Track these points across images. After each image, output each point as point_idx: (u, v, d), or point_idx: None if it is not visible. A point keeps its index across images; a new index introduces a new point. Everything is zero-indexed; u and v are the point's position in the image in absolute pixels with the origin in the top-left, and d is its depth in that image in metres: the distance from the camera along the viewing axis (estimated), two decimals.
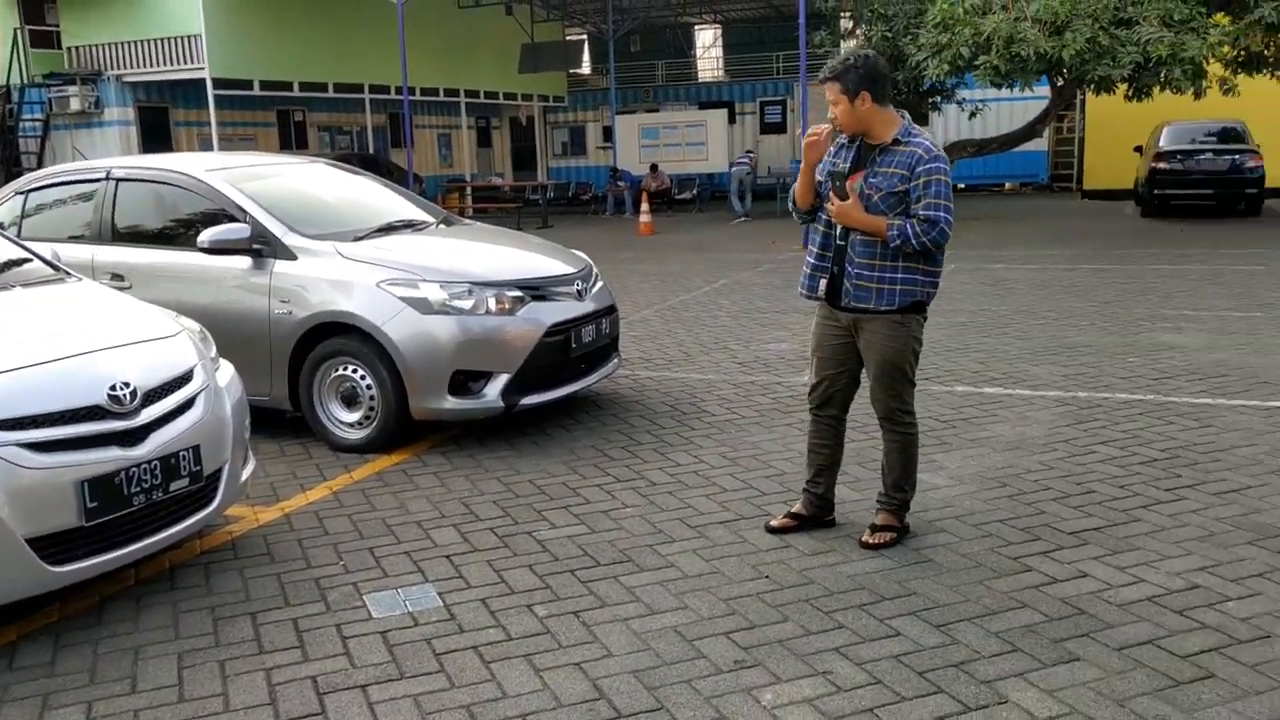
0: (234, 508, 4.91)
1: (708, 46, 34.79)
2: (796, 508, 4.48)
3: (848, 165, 4.09)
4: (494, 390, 5.71)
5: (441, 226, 6.87)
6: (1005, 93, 17.42)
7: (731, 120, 28.08)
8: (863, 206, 4.00)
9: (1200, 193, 18.36)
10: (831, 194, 4.08)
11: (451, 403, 5.65)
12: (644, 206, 20.23)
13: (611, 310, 6.55)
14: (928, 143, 4.02)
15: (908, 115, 4.15)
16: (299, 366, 5.87)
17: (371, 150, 24.88)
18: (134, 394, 3.76)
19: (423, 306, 5.62)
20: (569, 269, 6.28)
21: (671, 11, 30.80)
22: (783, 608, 3.72)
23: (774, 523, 4.46)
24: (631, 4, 29.02)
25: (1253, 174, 17.90)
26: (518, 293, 5.84)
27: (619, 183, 25.12)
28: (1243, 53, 15.73)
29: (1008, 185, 27.25)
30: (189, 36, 19.63)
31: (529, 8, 27.72)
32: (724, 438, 5.86)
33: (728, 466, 5.33)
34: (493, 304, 5.74)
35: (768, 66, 30.63)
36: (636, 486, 5.07)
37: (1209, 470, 5.04)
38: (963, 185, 26.56)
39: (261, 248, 5.89)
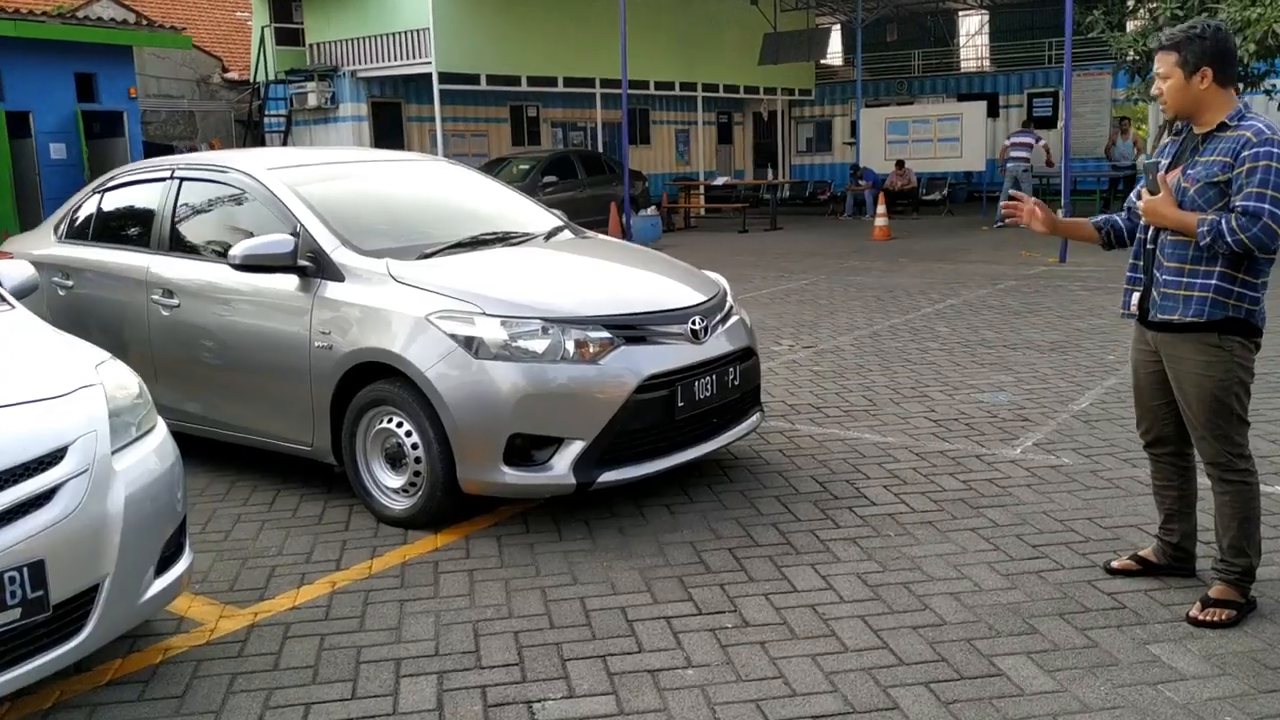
0: (200, 606, 3.81)
1: (971, 34, 31.93)
2: (1145, 552, 3.88)
3: (1168, 158, 3.54)
4: (563, 462, 4.33)
5: (553, 239, 5.56)
6: None
7: (994, 114, 25.43)
8: (1175, 201, 3.38)
9: None
10: (1144, 190, 3.49)
11: (509, 475, 4.32)
12: (880, 209, 18.26)
13: (746, 355, 5.01)
14: (1261, 124, 3.33)
15: (1245, 101, 3.50)
16: (343, 413, 4.73)
17: (600, 146, 24.06)
18: None
19: (477, 348, 4.31)
20: (683, 301, 4.79)
21: None
22: None
23: (1115, 563, 3.89)
24: None
25: None
26: (604, 333, 4.42)
27: (860, 181, 23.13)
28: None
29: None
30: (418, 31, 19.37)
31: None
32: (874, 546, 4.22)
33: (863, 602, 3.71)
34: (571, 347, 4.36)
35: (1039, 54, 27.58)
36: (719, 627, 3.55)
37: None
38: None
39: (307, 265, 4.78)
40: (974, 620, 3.53)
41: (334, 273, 4.73)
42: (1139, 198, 3.54)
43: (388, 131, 21.48)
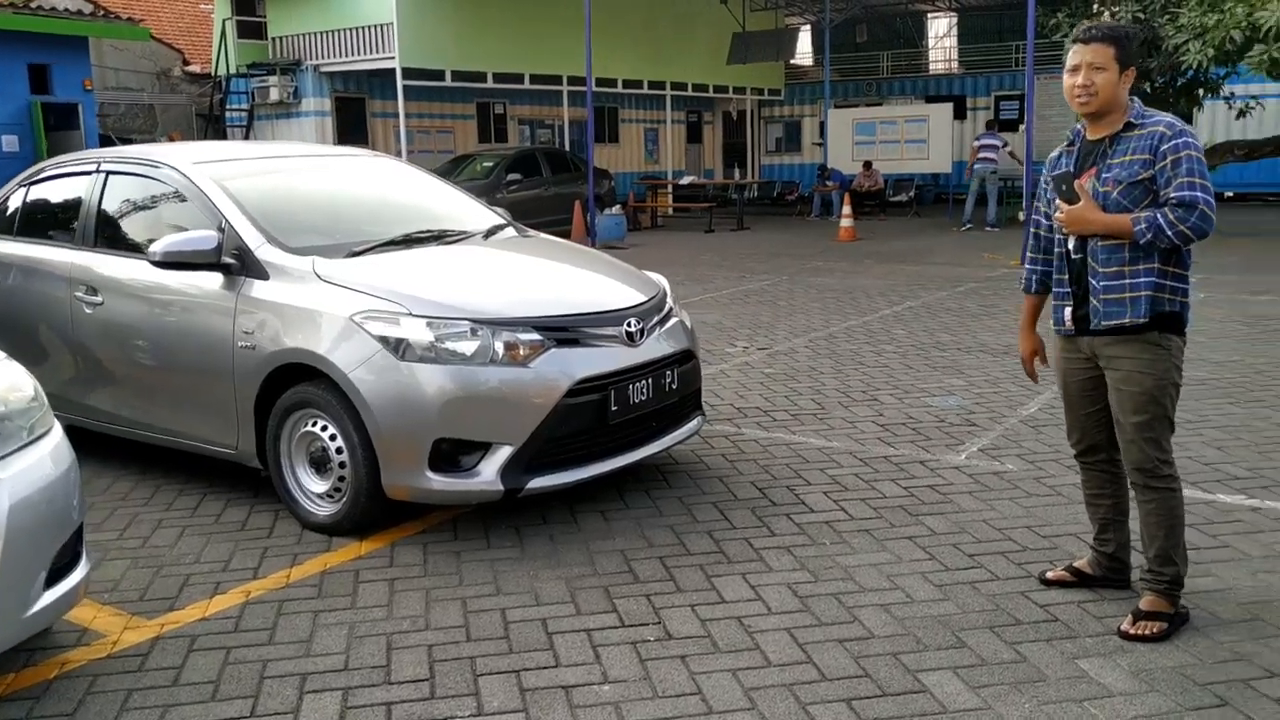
0: (106, 617, 3.68)
1: (940, 36, 32.01)
2: (1080, 563, 3.81)
3: (1072, 168, 3.46)
4: (491, 468, 4.20)
5: (492, 238, 5.43)
6: None
7: (961, 116, 25.47)
8: (1098, 206, 3.33)
9: None
10: (1059, 201, 3.43)
11: (434, 481, 4.19)
12: (845, 209, 18.22)
13: (685, 358, 4.90)
14: (1168, 117, 3.35)
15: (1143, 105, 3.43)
16: (268, 415, 4.58)
17: (567, 144, 23.90)
18: None
19: (403, 350, 4.18)
20: (619, 303, 4.68)
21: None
22: None
23: (1050, 574, 3.81)
24: None
25: None
26: (535, 335, 4.30)
27: (827, 182, 23.10)
28: None
29: None
30: (381, 26, 19.15)
31: None
32: (808, 555, 4.12)
33: (790, 614, 3.61)
34: (500, 349, 4.23)
35: (1006, 57, 27.67)
36: (641, 640, 3.44)
37: None
38: (1230, 194, 23.01)
39: (231, 262, 4.63)
40: (902, 633, 3.44)
41: (259, 271, 4.59)
42: (1056, 211, 3.45)
43: (352, 127, 21.25)
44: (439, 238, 5.20)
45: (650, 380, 4.58)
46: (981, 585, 3.80)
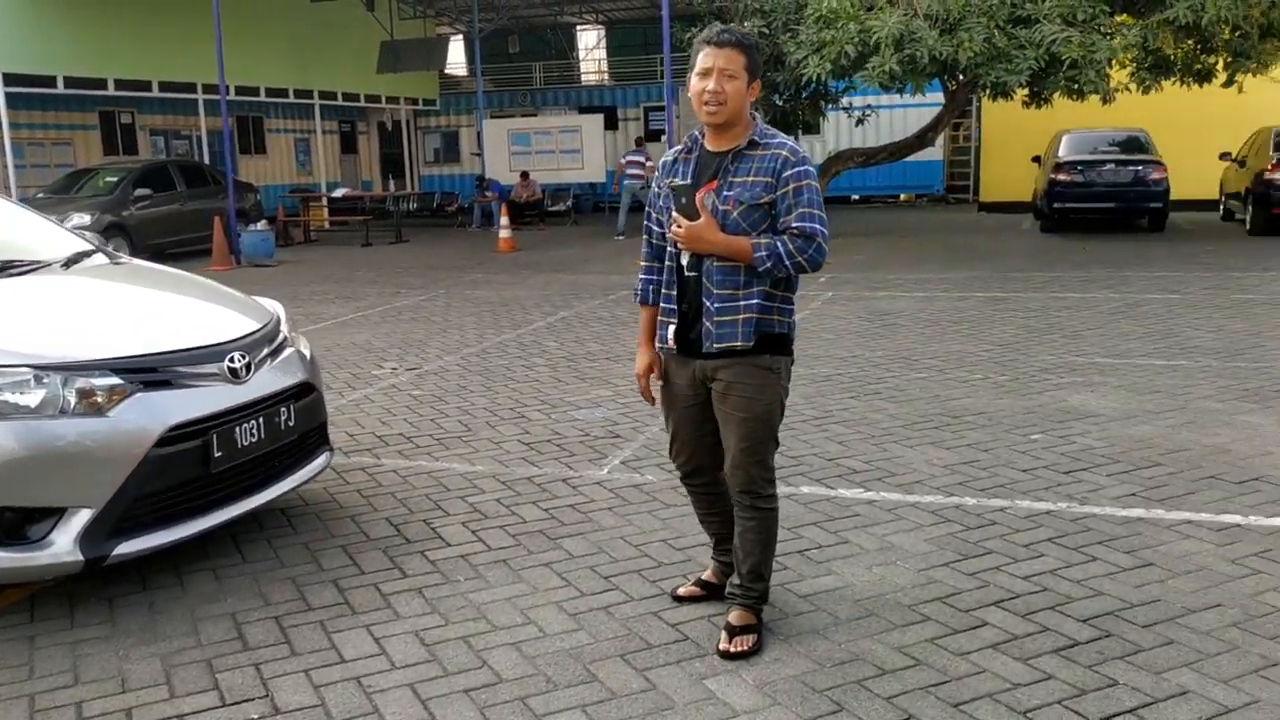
0: None
1: (590, 48, 32.88)
2: (707, 575, 3.79)
3: (689, 178, 3.28)
4: (66, 536, 3.63)
5: (73, 267, 4.78)
6: (896, 98, 15.93)
7: (613, 126, 26.21)
8: (718, 225, 3.19)
9: (1102, 206, 17.13)
10: (675, 214, 3.24)
11: None
12: (503, 220, 18.18)
13: (304, 391, 4.50)
14: (791, 143, 3.26)
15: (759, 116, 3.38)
16: None
17: (207, 156, 22.35)
18: None
19: None
20: (220, 336, 4.22)
21: (548, 10, 28.78)
22: None
23: (681, 590, 3.78)
24: (502, 1, 26.86)
25: (1156, 187, 16.68)
26: (115, 379, 3.77)
27: (486, 193, 23.02)
28: (1149, 56, 14.29)
29: (903, 196, 25.92)
30: None
31: (390, 4, 25.49)
32: (440, 595, 3.88)
33: (415, 666, 3.35)
34: (73, 398, 3.68)
35: (653, 70, 28.82)
36: None
37: (1147, 661, 3.22)
38: (855, 197, 25.17)
39: None
40: (532, 673, 3.27)
41: None
42: (672, 224, 3.25)
43: None
44: (3, 270, 4.50)
45: (262, 419, 4.16)
46: (616, 609, 3.71)
